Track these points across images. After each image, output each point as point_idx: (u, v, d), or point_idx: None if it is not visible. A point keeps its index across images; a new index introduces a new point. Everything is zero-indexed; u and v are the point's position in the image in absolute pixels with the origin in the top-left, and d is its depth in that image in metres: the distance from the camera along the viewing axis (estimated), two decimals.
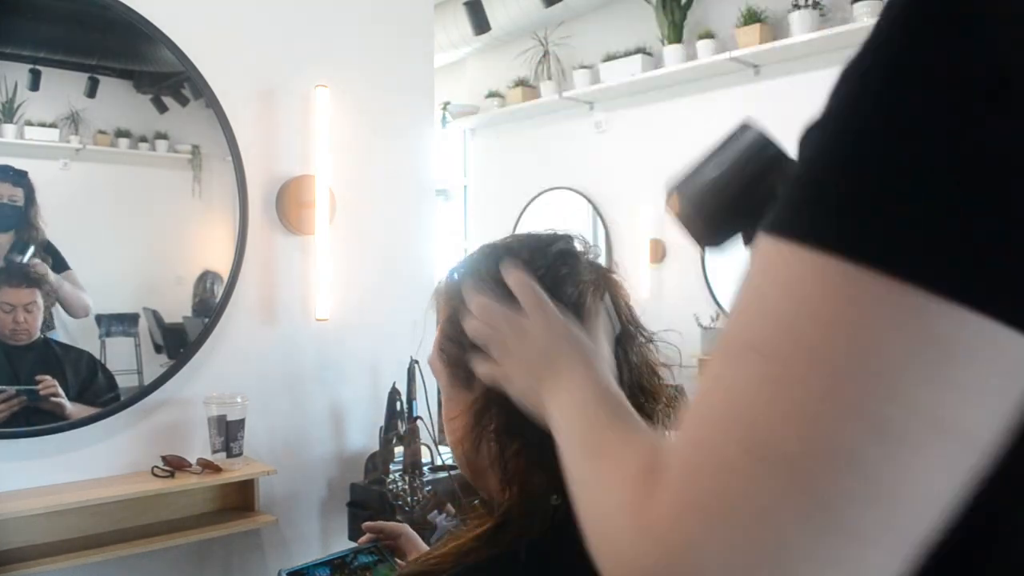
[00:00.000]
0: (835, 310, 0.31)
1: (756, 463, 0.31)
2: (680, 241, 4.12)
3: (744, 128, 0.57)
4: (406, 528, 1.12)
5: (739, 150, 0.55)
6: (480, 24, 3.63)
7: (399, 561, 1.07)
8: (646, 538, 0.35)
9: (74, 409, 1.93)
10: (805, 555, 0.31)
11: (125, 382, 2.06)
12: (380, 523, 1.14)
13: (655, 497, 0.36)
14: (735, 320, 0.35)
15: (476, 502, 0.77)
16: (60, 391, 1.91)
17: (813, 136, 0.34)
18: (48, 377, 1.89)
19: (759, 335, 0.33)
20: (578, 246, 0.78)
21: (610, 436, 0.51)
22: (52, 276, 1.95)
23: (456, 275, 0.77)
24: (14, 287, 1.88)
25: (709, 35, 3.77)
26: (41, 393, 1.88)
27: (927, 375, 0.29)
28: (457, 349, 0.73)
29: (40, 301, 1.91)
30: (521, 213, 4.89)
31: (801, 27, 3.38)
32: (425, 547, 1.04)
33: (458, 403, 0.74)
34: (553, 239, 0.77)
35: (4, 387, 1.84)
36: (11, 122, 1.93)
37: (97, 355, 2.02)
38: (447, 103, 4.94)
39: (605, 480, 0.44)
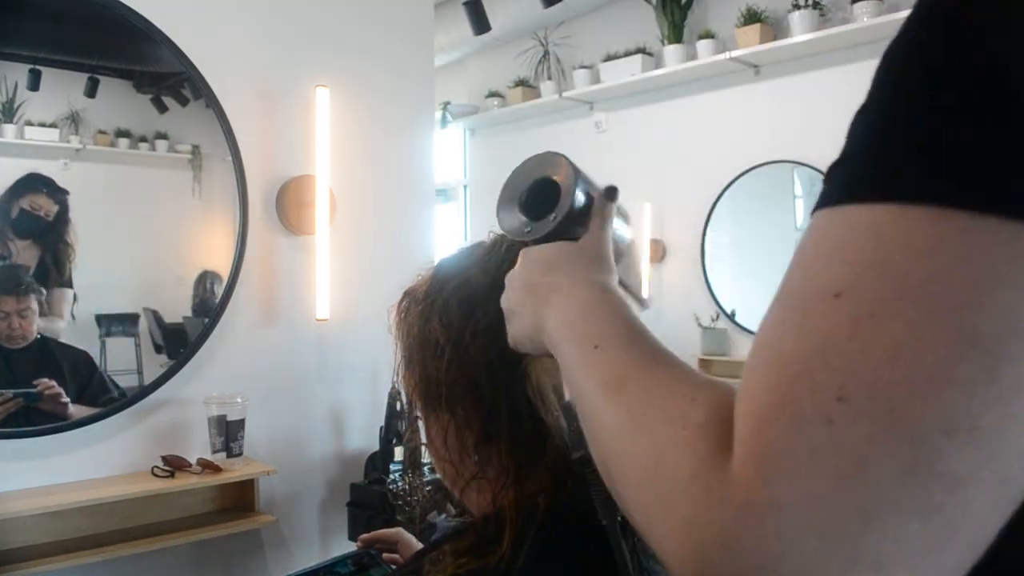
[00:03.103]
0: (922, 248, 0.30)
1: (847, 407, 0.30)
2: (680, 241, 4.12)
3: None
4: (402, 533, 1.11)
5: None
6: (480, 24, 3.63)
7: (392, 567, 1.06)
8: (717, 501, 0.32)
9: (74, 409, 1.93)
10: (902, 504, 0.29)
11: (125, 382, 2.06)
12: (375, 533, 1.12)
13: (723, 455, 0.33)
14: (802, 274, 0.34)
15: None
16: (62, 392, 1.90)
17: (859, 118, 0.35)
18: (46, 379, 1.89)
19: (841, 281, 0.32)
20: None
21: (639, 373, 0.44)
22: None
23: (421, 305, 0.78)
24: (8, 295, 1.88)
25: (709, 35, 3.77)
26: (46, 395, 1.88)
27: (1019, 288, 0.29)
28: (427, 374, 0.75)
29: (35, 307, 1.91)
30: None
31: (801, 27, 3.37)
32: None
33: (434, 422, 0.76)
34: (493, 243, 0.77)
35: (1, 391, 1.84)
36: (11, 122, 1.92)
37: (97, 355, 2.02)
38: (447, 103, 4.93)
39: (654, 434, 0.38)
